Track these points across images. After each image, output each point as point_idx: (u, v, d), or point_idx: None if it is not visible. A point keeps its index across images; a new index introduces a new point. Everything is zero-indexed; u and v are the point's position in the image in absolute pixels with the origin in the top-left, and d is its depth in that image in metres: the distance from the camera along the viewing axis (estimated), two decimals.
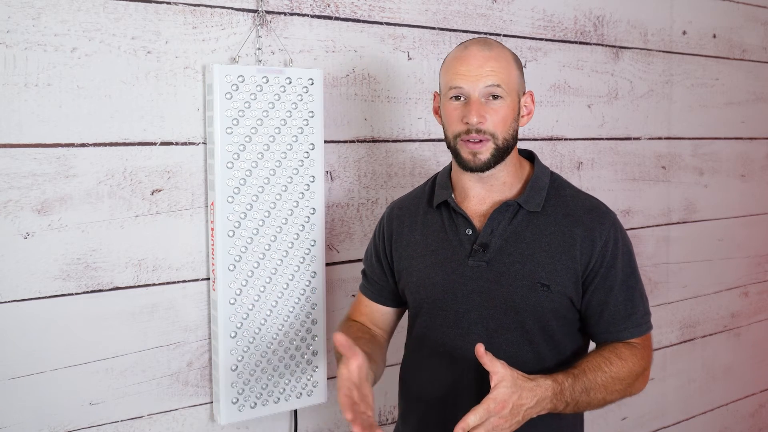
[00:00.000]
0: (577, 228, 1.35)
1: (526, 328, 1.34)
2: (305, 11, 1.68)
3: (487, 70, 1.31)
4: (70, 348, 1.46)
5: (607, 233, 1.36)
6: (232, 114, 1.53)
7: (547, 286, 1.33)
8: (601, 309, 1.36)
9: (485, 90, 1.31)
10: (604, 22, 2.24)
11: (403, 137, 1.87)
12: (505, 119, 1.33)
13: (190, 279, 1.58)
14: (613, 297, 1.35)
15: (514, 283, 1.34)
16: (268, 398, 1.63)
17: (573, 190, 1.43)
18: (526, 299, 1.33)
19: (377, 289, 1.52)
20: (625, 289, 1.36)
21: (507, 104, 1.33)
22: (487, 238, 1.36)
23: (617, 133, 2.31)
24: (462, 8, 1.93)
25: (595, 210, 1.39)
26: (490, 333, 1.35)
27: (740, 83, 2.64)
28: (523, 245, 1.35)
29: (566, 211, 1.37)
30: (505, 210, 1.37)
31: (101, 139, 1.46)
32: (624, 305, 1.36)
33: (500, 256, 1.35)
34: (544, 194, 1.39)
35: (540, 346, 1.35)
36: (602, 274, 1.35)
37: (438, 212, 1.43)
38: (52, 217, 1.42)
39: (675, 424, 2.58)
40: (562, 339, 1.37)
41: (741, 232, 2.71)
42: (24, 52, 1.37)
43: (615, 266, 1.35)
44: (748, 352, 2.81)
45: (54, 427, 1.46)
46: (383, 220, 1.52)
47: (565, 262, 1.34)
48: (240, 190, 1.56)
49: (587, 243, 1.34)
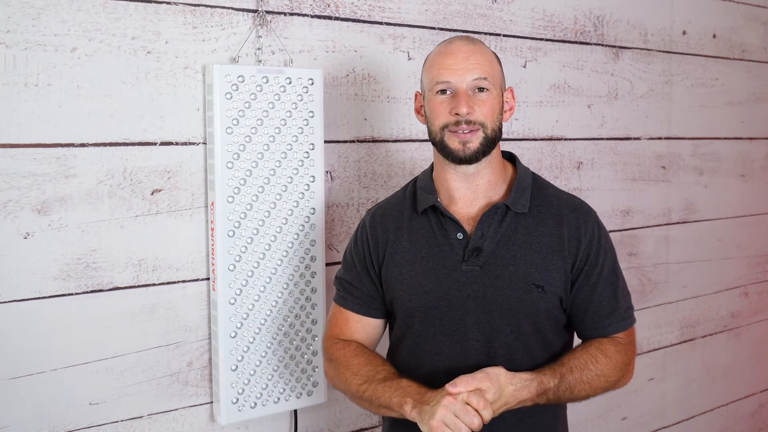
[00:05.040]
0: (563, 227, 1.37)
1: (522, 330, 1.35)
2: (305, 11, 1.68)
3: (472, 63, 1.33)
4: (70, 348, 1.46)
5: (591, 231, 1.38)
6: (232, 114, 1.53)
7: (541, 287, 1.34)
8: (586, 306, 1.38)
9: (472, 83, 1.33)
10: (604, 22, 2.24)
11: (403, 137, 1.87)
12: (492, 110, 1.35)
13: (190, 279, 1.58)
14: (597, 293, 1.37)
15: (509, 285, 1.34)
16: (268, 398, 1.63)
17: (555, 190, 1.45)
18: (521, 301, 1.33)
19: (365, 301, 1.44)
20: (609, 285, 1.39)
21: (493, 96, 1.35)
22: (479, 242, 1.35)
23: (617, 133, 2.31)
24: (462, 8, 1.93)
25: (579, 209, 1.41)
26: (487, 337, 1.34)
27: (740, 83, 2.64)
28: (515, 247, 1.35)
29: (552, 211, 1.39)
30: (494, 213, 1.37)
31: (101, 139, 1.46)
32: (608, 301, 1.38)
33: (493, 260, 1.35)
34: (528, 195, 1.39)
35: (534, 347, 1.36)
36: (586, 271, 1.37)
37: (425, 217, 1.40)
38: (52, 217, 1.42)
39: (675, 424, 2.58)
40: (553, 338, 1.39)
41: (741, 232, 2.71)
42: (24, 52, 1.37)
43: (598, 263, 1.38)
44: (748, 352, 2.81)
45: (54, 427, 1.46)
46: (365, 227, 1.46)
47: (556, 263, 1.35)
48: (240, 190, 1.56)
49: (574, 242, 1.36)
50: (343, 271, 1.49)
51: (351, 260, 1.47)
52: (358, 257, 1.45)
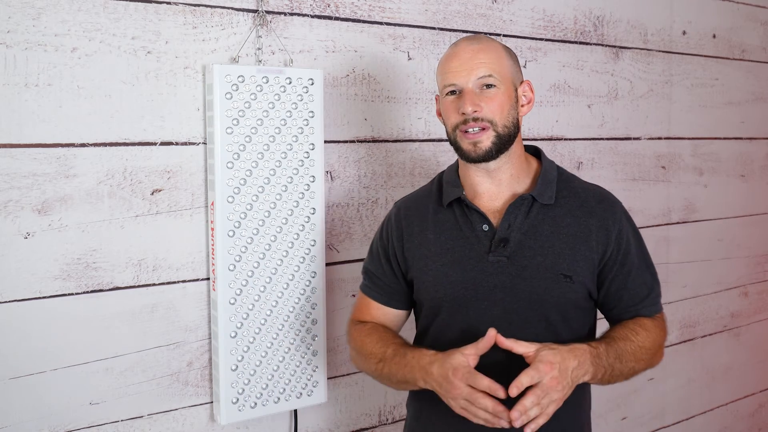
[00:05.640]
0: (591, 219, 1.38)
1: (550, 320, 1.35)
2: (305, 11, 1.68)
3: (477, 62, 1.34)
4: (70, 348, 1.46)
5: (619, 222, 1.40)
6: (232, 114, 1.53)
7: (569, 277, 1.35)
8: (620, 294, 1.40)
9: (478, 81, 1.34)
10: (604, 22, 2.24)
11: (403, 137, 1.87)
12: (501, 106, 1.34)
13: (190, 279, 1.58)
14: (632, 281, 1.39)
15: (537, 275, 1.34)
16: (268, 398, 1.63)
17: (580, 182, 1.46)
18: (550, 291, 1.34)
19: (387, 292, 1.49)
20: (641, 272, 1.41)
21: (502, 92, 1.35)
22: (506, 233, 1.37)
23: (617, 133, 2.31)
24: (462, 8, 1.93)
25: (606, 200, 1.42)
26: (514, 328, 1.33)
27: (740, 83, 2.65)
28: (542, 238, 1.36)
29: (578, 202, 1.40)
30: (520, 204, 1.38)
31: (101, 139, 1.46)
32: (641, 287, 1.41)
33: (521, 250, 1.36)
34: (554, 187, 1.40)
35: (562, 336, 1.36)
36: (620, 261, 1.38)
37: (450, 210, 1.42)
38: (52, 217, 1.42)
39: (675, 424, 2.58)
40: (579, 328, 1.40)
41: (741, 232, 2.71)
42: (24, 52, 1.37)
43: (630, 252, 1.39)
44: (748, 352, 2.81)
45: (54, 427, 1.46)
46: (390, 219, 1.50)
47: (583, 253, 1.37)
48: (240, 190, 1.56)
49: (602, 233, 1.38)
50: (368, 261, 1.53)
51: (376, 251, 1.51)
52: (383, 249, 1.49)
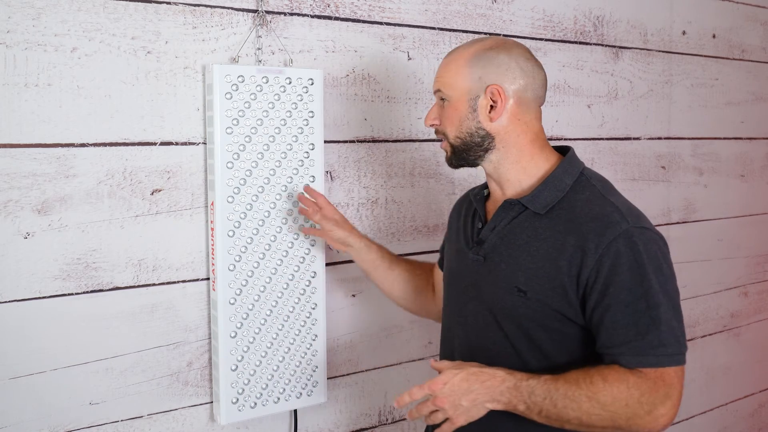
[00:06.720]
0: (569, 236, 1.25)
1: (505, 331, 1.32)
2: (305, 11, 1.68)
3: (437, 77, 1.40)
4: (70, 348, 1.46)
5: (607, 246, 1.21)
6: (232, 114, 1.53)
7: (523, 292, 1.28)
8: (598, 329, 1.24)
9: (437, 96, 1.41)
10: (603, 22, 2.24)
11: (403, 137, 1.87)
12: (450, 119, 1.37)
13: (190, 279, 1.58)
14: (610, 317, 1.21)
15: (496, 283, 1.34)
16: (268, 398, 1.63)
17: (593, 195, 1.30)
18: (502, 301, 1.32)
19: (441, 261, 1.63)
20: (630, 312, 1.20)
21: (451, 105, 1.37)
22: (486, 234, 1.38)
23: (617, 133, 2.31)
24: (462, 8, 1.93)
25: (600, 219, 1.24)
26: (480, 327, 1.37)
27: (740, 83, 2.65)
28: (513, 246, 1.33)
29: (568, 216, 1.28)
30: (509, 208, 1.35)
31: (101, 139, 1.46)
32: (624, 329, 1.20)
33: (492, 254, 1.36)
34: (555, 195, 1.31)
35: (524, 354, 1.30)
36: (599, 290, 1.22)
37: (472, 204, 1.50)
38: (52, 217, 1.42)
39: (675, 424, 2.58)
40: (553, 352, 1.29)
41: (740, 232, 2.71)
42: (24, 52, 1.37)
43: (615, 283, 1.21)
44: (748, 352, 2.81)
45: (54, 427, 1.46)
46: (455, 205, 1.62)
47: (547, 270, 1.26)
48: (240, 190, 1.56)
49: (577, 253, 1.23)
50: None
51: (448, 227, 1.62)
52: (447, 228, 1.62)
